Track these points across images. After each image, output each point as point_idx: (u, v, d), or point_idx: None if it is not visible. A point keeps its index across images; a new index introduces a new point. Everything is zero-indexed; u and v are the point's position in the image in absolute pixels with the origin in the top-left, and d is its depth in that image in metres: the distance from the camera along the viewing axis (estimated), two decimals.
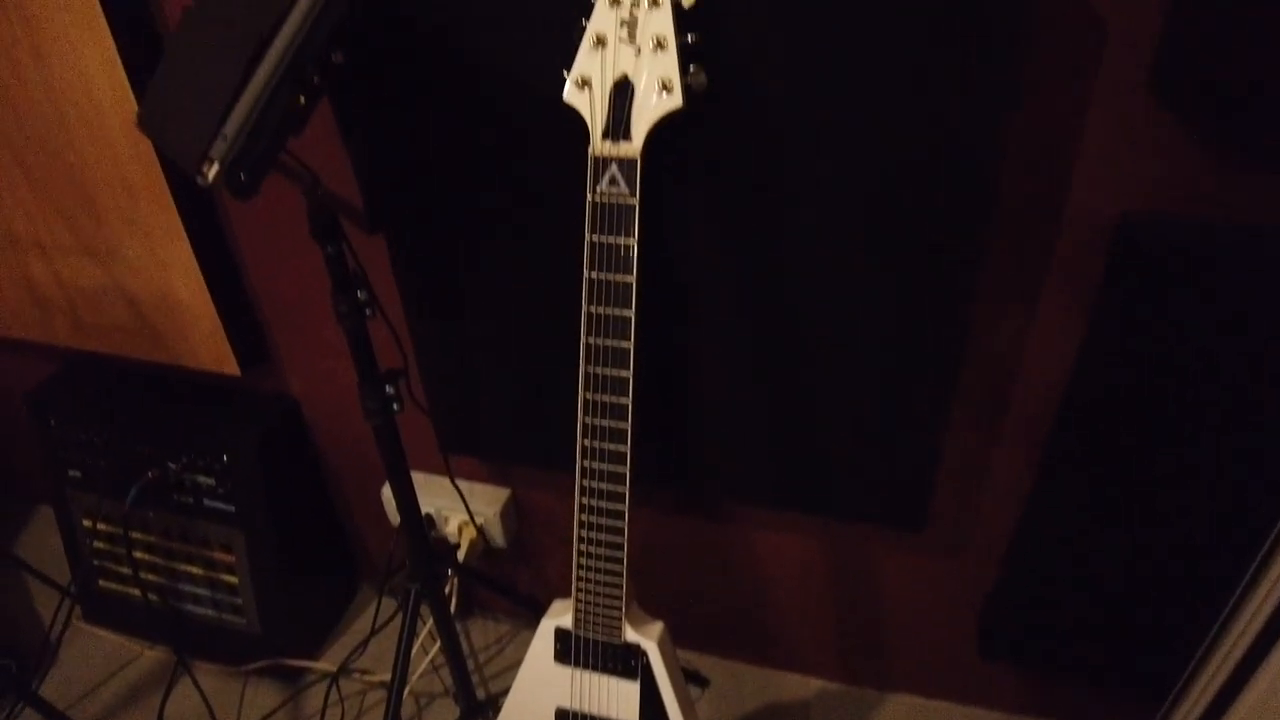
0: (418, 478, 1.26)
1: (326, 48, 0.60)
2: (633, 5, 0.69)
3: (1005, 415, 0.97)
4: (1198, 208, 0.79)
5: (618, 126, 0.70)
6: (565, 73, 0.71)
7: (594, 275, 0.74)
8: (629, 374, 0.76)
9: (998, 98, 0.74)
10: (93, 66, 0.99)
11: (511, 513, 1.26)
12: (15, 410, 1.54)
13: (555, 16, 0.77)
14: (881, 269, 0.84)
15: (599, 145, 0.71)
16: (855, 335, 0.89)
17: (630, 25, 0.69)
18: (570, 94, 0.71)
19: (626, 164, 0.70)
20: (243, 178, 0.60)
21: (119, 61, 0.97)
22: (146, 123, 0.73)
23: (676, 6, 0.69)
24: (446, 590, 1.29)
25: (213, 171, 0.59)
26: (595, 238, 0.73)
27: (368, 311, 0.83)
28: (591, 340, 0.76)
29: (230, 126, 0.59)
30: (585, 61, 0.71)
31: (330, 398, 1.28)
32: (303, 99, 0.61)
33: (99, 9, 0.94)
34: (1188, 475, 0.90)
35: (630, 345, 0.75)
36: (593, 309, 0.75)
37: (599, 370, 0.76)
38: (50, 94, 1.04)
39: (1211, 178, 0.77)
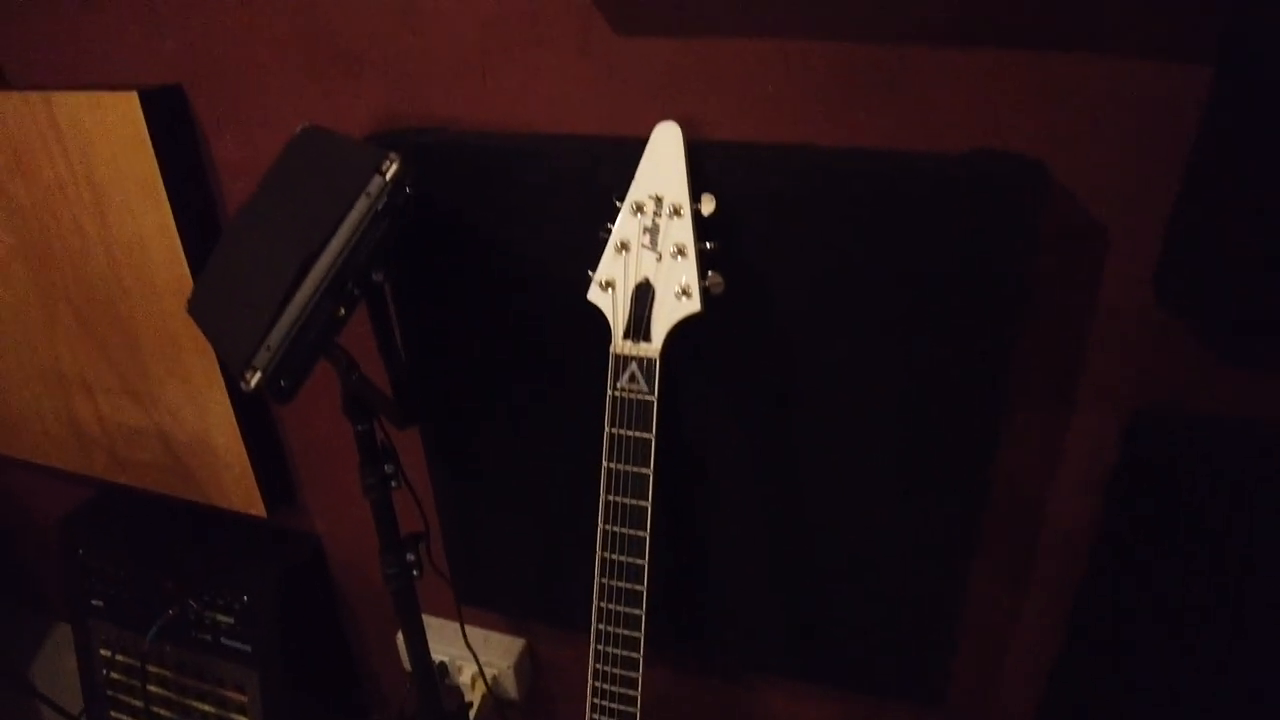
0: (434, 622, 1.26)
1: (368, 267, 0.65)
2: (655, 214, 0.73)
3: (1026, 587, 0.97)
4: (1207, 402, 0.80)
5: (638, 327, 0.73)
6: (590, 273, 0.76)
7: (612, 465, 0.76)
8: (644, 561, 0.77)
9: (1007, 297, 0.76)
10: (150, 231, 1.06)
11: (526, 665, 1.25)
12: (46, 531, 1.57)
13: (583, 220, 0.82)
14: (895, 453, 0.85)
15: (620, 344, 0.74)
16: (868, 512, 0.89)
17: (652, 232, 0.73)
18: (594, 294, 0.75)
19: (646, 363, 0.73)
20: (282, 384, 0.63)
21: (175, 229, 1.04)
22: (196, 311, 0.78)
23: (696, 215, 0.73)
24: None
25: (255, 379, 0.63)
26: (614, 430, 0.75)
27: (393, 483, 0.85)
28: (608, 527, 0.77)
29: (274, 337, 0.63)
30: (609, 265, 0.75)
31: (352, 537, 1.30)
32: (342, 310, 0.65)
33: (161, 184, 1.02)
34: (1217, 647, 0.88)
35: (646, 534, 0.76)
36: (611, 497, 0.76)
37: (615, 556, 0.78)
38: (108, 251, 1.10)
39: (1218, 374, 0.78)
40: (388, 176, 0.64)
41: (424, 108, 0.92)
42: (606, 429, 0.75)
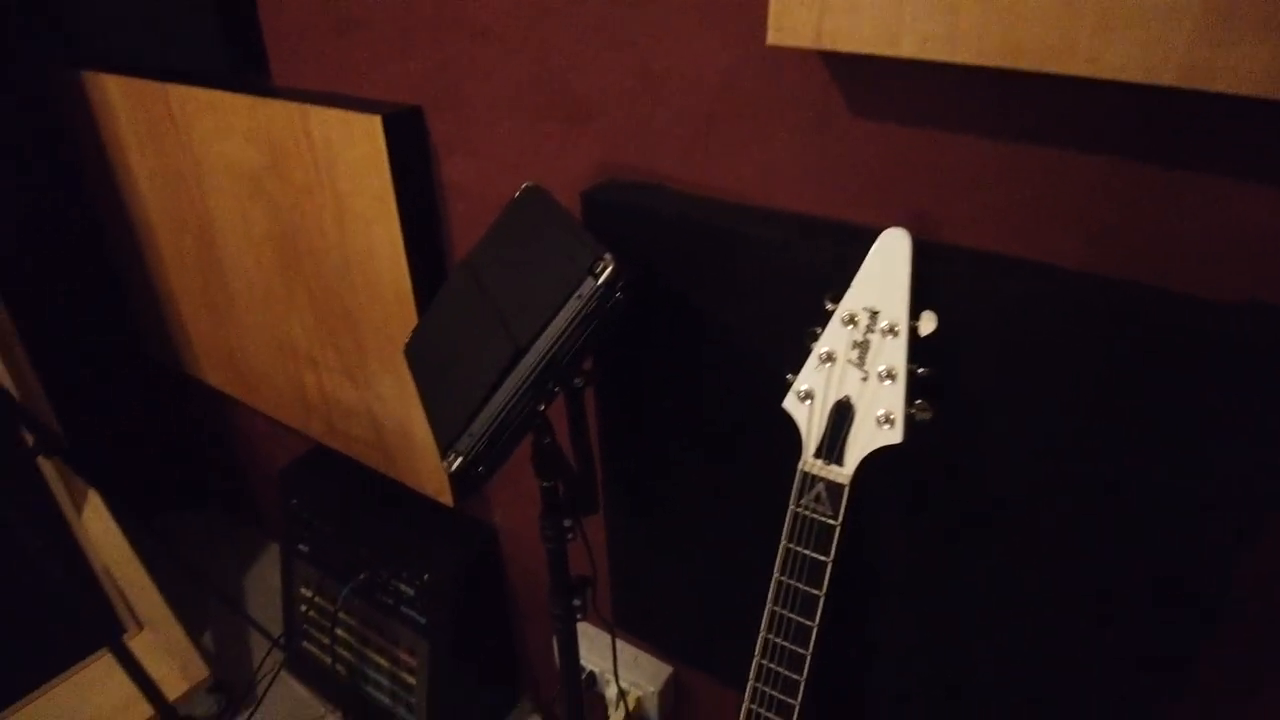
0: (590, 630, 1.31)
1: (571, 370, 0.66)
2: (868, 329, 0.69)
3: None
4: None
5: (832, 448, 0.70)
6: (790, 377, 0.73)
7: (783, 579, 0.74)
8: (800, 678, 0.75)
9: (1266, 464, 0.66)
10: (380, 241, 1.13)
11: (670, 693, 1.27)
12: (272, 470, 1.77)
13: (794, 310, 0.79)
14: (1100, 610, 0.77)
15: (809, 462, 0.71)
16: (1054, 661, 0.82)
17: (862, 349, 0.69)
18: (790, 403, 0.72)
19: (834, 487, 0.70)
20: (480, 470, 0.66)
21: (401, 242, 1.11)
22: (411, 356, 0.83)
23: (913, 335, 0.68)
24: None
25: (456, 464, 0.66)
26: (790, 546, 0.73)
27: (570, 535, 0.88)
28: (770, 637, 0.76)
29: (477, 425, 0.66)
30: (810, 375, 0.71)
31: (526, 534, 1.37)
32: (542, 406, 0.67)
33: (393, 199, 1.08)
34: None
35: (808, 652, 0.74)
36: (777, 609, 0.75)
37: (773, 666, 0.76)
38: (343, 251, 1.20)
39: None
40: (600, 280, 0.64)
41: (644, 160, 0.92)
42: (783, 542, 0.73)
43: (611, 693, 1.27)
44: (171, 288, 1.60)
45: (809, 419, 0.71)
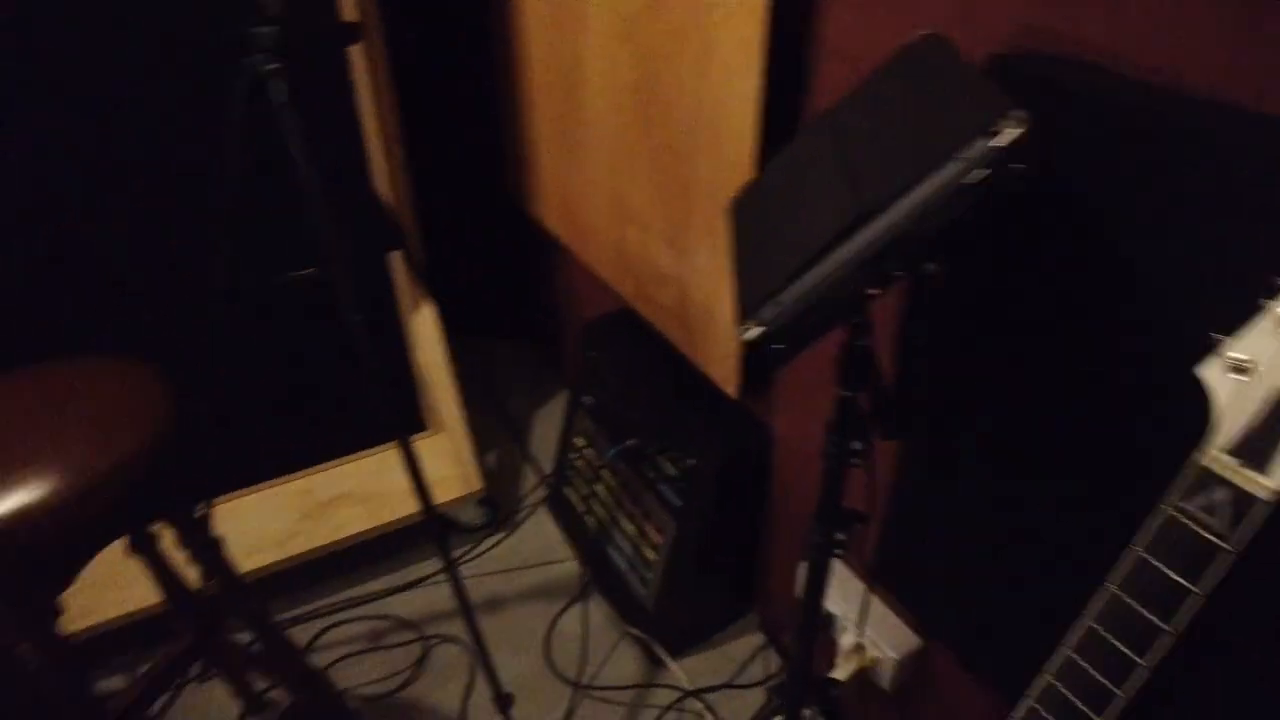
0: (842, 570, 1.20)
1: (923, 252, 0.52)
2: None
3: None
4: None
5: (1256, 450, 0.50)
6: (1215, 336, 0.53)
7: (1120, 593, 0.56)
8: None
9: None
10: (734, 98, 1.04)
11: (911, 666, 1.13)
12: (581, 321, 1.83)
13: (1244, 256, 0.58)
14: None
15: (1216, 456, 0.52)
16: None
17: None
18: (1211, 370, 0.53)
19: (1244, 498, 0.50)
20: (777, 349, 0.56)
21: (756, 101, 1.01)
22: (735, 212, 0.74)
23: None
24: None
25: (752, 333, 0.56)
26: (1145, 554, 0.55)
27: (854, 460, 0.76)
28: (1075, 657, 0.59)
29: (788, 295, 0.55)
30: (1255, 342, 0.51)
31: (803, 449, 1.27)
32: (872, 291, 0.54)
33: (759, 49, 0.98)
34: None
35: (1123, 695, 0.57)
36: (1097, 628, 0.58)
37: (1067, 692, 0.60)
38: (695, 107, 1.13)
39: None
40: (998, 143, 0.49)
41: (1077, 29, 0.71)
42: (1137, 546, 0.55)
43: (848, 642, 1.16)
44: (535, 128, 1.66)
45: (1233, 398, 0.52)
